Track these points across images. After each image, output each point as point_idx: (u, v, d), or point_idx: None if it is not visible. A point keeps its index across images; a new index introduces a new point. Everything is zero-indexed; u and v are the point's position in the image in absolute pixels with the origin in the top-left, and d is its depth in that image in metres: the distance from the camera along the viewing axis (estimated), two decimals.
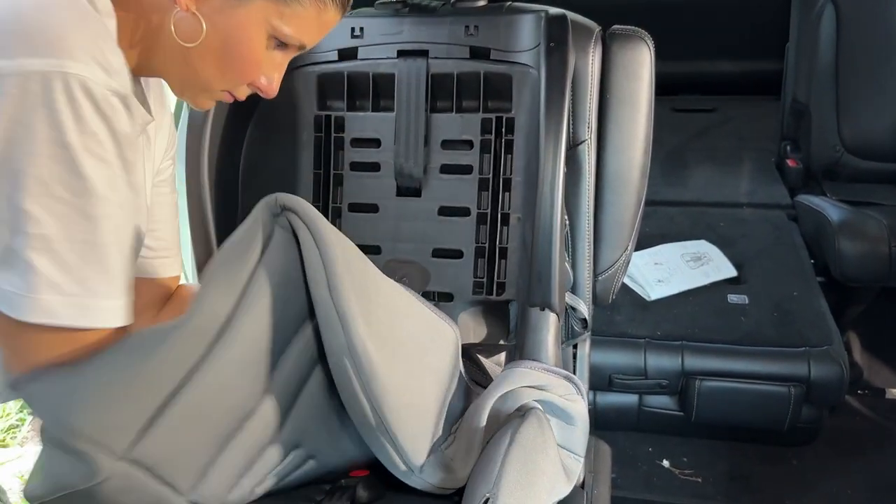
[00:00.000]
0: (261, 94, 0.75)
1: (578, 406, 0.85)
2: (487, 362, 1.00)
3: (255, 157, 1.07)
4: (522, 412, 0.80)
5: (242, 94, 0.75)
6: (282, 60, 0.73)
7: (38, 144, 0.58)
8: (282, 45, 0.71)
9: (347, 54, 1.05)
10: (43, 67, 0.58)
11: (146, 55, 0.71)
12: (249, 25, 0.68)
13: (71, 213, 0.60)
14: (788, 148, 2.26)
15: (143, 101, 0.76)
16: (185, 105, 1.60)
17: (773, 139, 2.37)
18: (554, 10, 0.99)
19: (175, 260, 0.90)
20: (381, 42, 1.04)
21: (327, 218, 1.09)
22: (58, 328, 0.61)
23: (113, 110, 0.62)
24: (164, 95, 0.84)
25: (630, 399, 1.68)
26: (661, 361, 1.61)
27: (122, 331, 0.65)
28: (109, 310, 0.64)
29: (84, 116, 0.60)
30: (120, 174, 0.63)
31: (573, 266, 1.01)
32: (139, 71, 0.73)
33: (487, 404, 0.80)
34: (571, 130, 0.98)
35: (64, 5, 0.62)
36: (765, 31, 2.48)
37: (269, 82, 0.74)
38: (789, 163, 2.22)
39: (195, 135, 1.00)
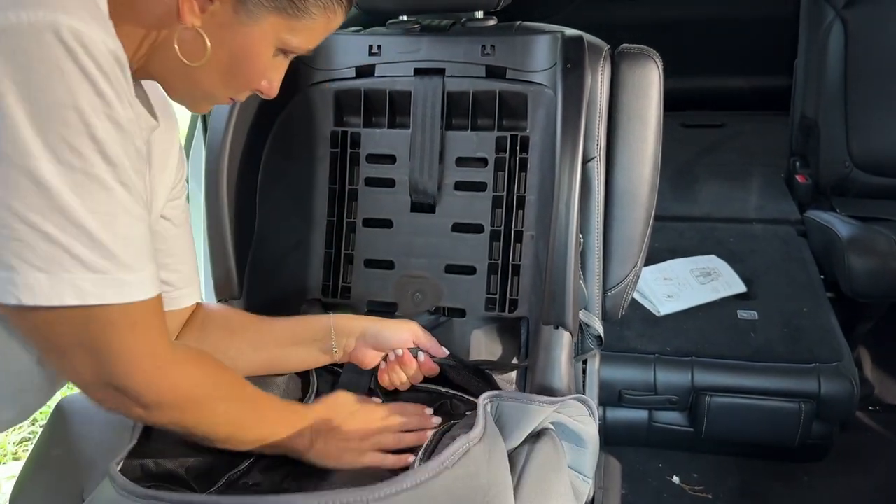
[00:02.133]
0: (261, 96, 0.74)
1: (589, 428, 0.85)
2: (498, 379, 1.00)
3: (272, 170, 1.08)
4: (536, 432, 0.81)
5: (244, 97, 0.75)
6: (283, 63, 0.72)
7: (44, 107, 0.53)
8: (286, 52, 0.71)
9: (365, 71, 1.07)
10: (35, 20, 0.52)
11: (143, 62, 0.67)
12: (258, 41, 0.67)
13: (88, 182, 0.55)
14: (797, 163, 2.26)
15: (147, 104, 0.73)
16: (199, 119, 1.62)
17: (782, 155, 2.37)
18: (570, 31, 1.00)
19: (193, 289, 0.88)
20: (399, 60, 1.05)
21: (342, 232, 1.11)
22: (87, 307, 0.57)
23: (115, 73, 0.56)
24: (170, 113, 0.80)
25: (640, 415, 1.68)
26: (670, 377, 1.61)
27: (153, 301, 0.62)
28: (139, 283, 0.60)
29: (90, 73, 0.54)
30: (130, 139, 0.58)
31: (583, 282, 1.02)
32: (136, 75, 0.68)
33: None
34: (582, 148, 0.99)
35: None
36: (773, 47, 2.49)
37: (271, 85, 0.73)
38: (798, 178, 2.22)
39: (214, 148, 0.99)
